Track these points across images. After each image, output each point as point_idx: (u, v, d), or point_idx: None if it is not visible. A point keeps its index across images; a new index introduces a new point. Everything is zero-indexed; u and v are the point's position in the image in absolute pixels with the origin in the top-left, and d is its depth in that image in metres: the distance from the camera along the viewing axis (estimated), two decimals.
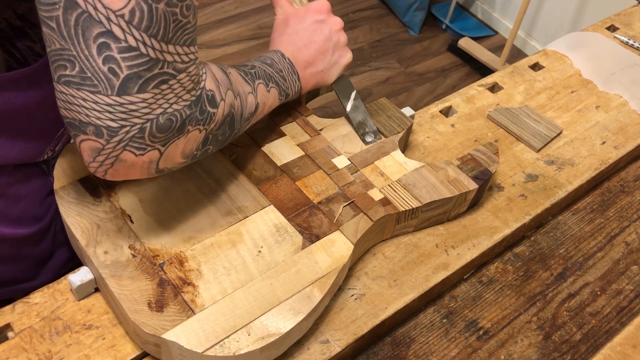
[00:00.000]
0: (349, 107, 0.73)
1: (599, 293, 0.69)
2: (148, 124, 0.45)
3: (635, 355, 0.63)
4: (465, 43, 2.23)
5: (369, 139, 0.71)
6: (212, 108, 0.50)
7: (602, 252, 0.73)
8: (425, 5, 2.36)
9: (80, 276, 0.57)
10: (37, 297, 0.58)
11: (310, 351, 0.57)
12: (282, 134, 0.70)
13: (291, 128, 0.71)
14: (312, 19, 0.68)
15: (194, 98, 0.48)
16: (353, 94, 0.73)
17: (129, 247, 0.57)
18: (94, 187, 0.61)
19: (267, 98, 0.62)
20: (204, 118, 0.49)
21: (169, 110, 0.46)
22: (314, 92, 0.78)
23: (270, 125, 0.71)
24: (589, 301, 0.68)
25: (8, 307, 0.57)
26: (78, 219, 0.58)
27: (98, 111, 0.44)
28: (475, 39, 2.32)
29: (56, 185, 0.61)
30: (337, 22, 0.69)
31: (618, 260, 0.72)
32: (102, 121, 0.44)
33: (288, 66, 0.65)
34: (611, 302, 0.68)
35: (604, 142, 0.82)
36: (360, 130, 0.72)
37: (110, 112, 0.44)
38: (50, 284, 0.59)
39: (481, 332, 0.63)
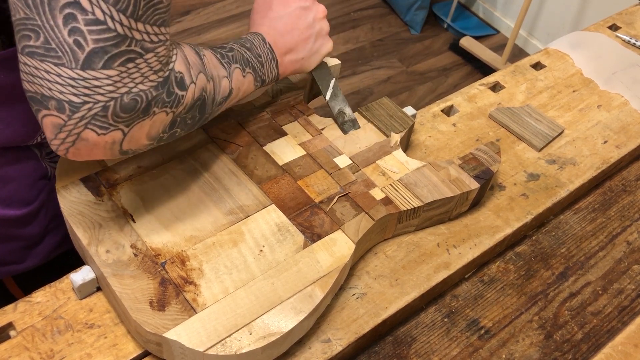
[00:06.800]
0: (328, 96, 0.73)
1: (600, 292, 0.69)
2: (112, 103, 0.44)
3: (637, 354, 0.63)
4: (467, 42, 2.23)
5: (347, 127, 0.71)
6: (180, 90, 0.49)
7: (603, 251, 0.73)
8: (427, 4, 2.36)
9: (82, 275, 0.57)
10: (39, 296, 0.58)
11: (311, 350, 0.57)
12: (284, 133, 0.70)
13: (293, 127, 0.71)
14: (297, 4, 0.66)
15: (161, 79, 0.47)
16: (332, 82, 0.73)
17: (131, 246, 0.57)
18: (96, 186, 0.61)
19: (242, 83, 0.60)
20: (171, 100, 0.48)
21: (134, 90, 0.45)
22: (316, 92, 0.78)
23: (272, 124, 0.71)
24: (590, 300, 0.68)
25: (10, 306, 0.57)
26: (80, 218, 0.58)
27: (61, 84, 0.42)
28: (476, 38, 2.32)
29: (58, 184, 0.61)
30: (321, 9, 0.68)
31: (619, 260, 0.72)
32: (64, 95, 0.43)
33: (268, 52, 0.64)
34: (613, 301, 0.68)
35: (605, 142, 0.82)
36: (339, 119, 0.72)
37: (73, 87, 0.42)
38: (52, 283, 0.59)
39: (482, 332, 0.63)
